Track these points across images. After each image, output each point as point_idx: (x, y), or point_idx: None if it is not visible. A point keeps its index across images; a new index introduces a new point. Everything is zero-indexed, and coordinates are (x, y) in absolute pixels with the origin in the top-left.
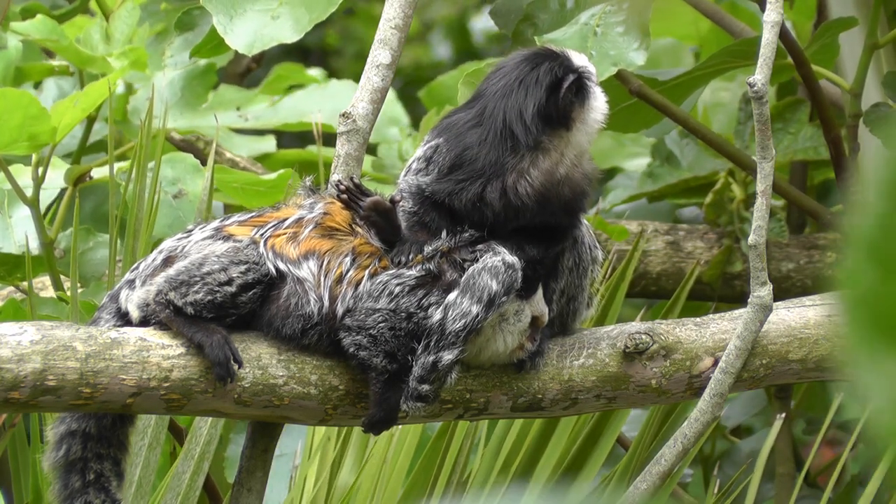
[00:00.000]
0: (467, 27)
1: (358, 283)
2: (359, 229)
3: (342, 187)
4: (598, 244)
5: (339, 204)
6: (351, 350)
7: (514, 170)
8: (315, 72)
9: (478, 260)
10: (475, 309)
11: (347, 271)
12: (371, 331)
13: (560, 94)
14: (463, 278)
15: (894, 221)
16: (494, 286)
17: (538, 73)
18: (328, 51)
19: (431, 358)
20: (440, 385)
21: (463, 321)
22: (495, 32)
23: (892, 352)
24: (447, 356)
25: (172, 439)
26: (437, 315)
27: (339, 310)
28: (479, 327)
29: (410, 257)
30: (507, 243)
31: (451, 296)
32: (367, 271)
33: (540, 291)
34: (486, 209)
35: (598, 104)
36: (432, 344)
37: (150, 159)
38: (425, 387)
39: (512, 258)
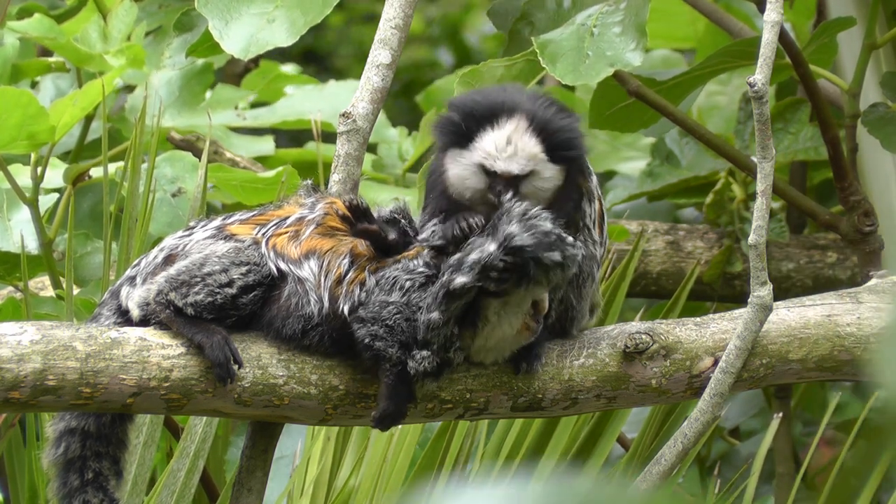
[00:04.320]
0: (461, 37)
1: (362, 283)
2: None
3: (341, 214)
4: (597, 259)
5: (337, 204)
6: (366, 341)
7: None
8: (289, 68)
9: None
10: (492, 248)
11: (346, 273)
12: (387, 321)
13: None
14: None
15: None
16: (518, 231)
17: None
18: (329, 52)
19: (444, 279)
20: (444, 353)
21: (479, 255)
22: (492, 35)
23: None
24: (459, 279)
25: (169, 437)
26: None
27: (344, 308)
28: (491, 263)
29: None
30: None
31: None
32: (366, 271)
33: None
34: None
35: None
36: (446, 274)
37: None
38: (434, 314)
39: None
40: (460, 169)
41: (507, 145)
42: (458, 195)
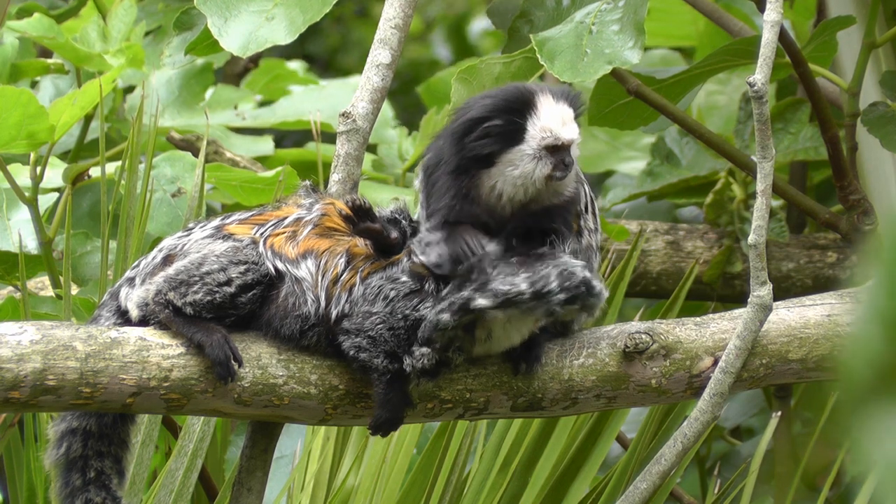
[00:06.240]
0: (465, 30)
1: (351, 288)
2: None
3: (343, 214)
4: (594, 249)
5: (337, 204)
6: (351, 353)
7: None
8: (295, 65)
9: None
10: (524, 286)
11: (342, 273)
12: (370, 332)
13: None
14: (538, 259)
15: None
16: (554, 285)
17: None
18: (330, 52)
19: (465, 293)
20: (443, 354)
21: (508, 287)
22: (493, 32)
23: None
24: (481, 301)
25: (168, 436)
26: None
27: (334, 313)
28: (516, 300)
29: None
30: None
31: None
32: (358, 275)
33: None
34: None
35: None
36: (468, 289)
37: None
38: (445, 316)
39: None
40: (525, 163)
41: (559, 116)
42: (509, 200)
